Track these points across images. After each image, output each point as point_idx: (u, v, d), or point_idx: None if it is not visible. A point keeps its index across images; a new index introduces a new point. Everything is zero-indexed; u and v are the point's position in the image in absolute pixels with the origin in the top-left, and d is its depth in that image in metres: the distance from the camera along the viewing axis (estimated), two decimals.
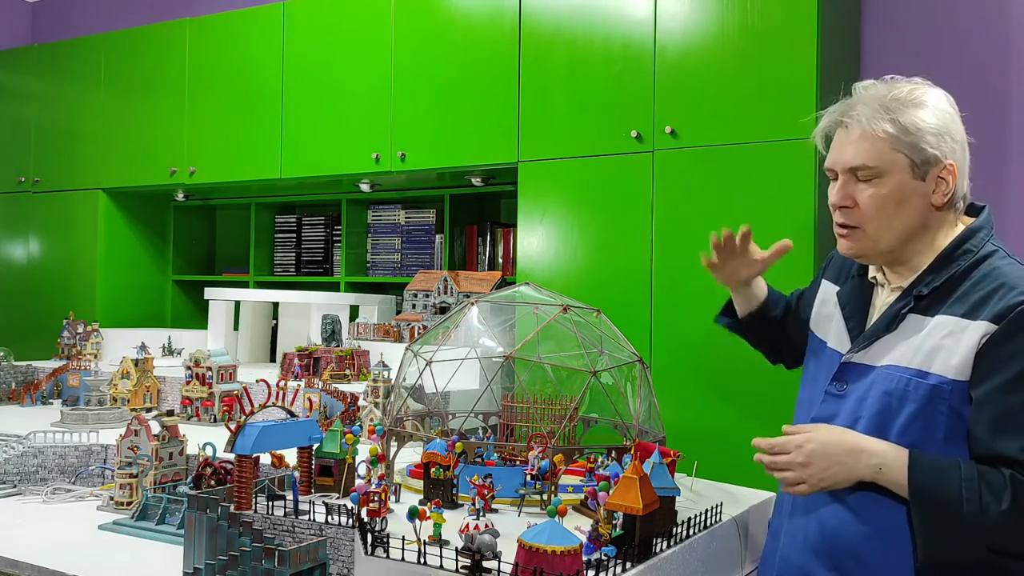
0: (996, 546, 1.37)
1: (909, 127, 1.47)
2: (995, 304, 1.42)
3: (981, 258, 1.50)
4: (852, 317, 1.61)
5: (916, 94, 1.50)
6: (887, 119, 1.48)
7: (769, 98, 2.89)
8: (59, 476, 2.17)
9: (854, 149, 1.50)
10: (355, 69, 3.80)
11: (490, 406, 2.25)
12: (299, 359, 3.22)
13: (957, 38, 3.18)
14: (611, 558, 1.38)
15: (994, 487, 1.36)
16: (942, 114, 1.50)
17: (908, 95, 1.50)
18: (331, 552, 1.40)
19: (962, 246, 1.51)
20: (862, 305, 1.62)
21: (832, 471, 1.46)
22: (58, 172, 4.67)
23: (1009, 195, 3.09)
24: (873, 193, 1.49)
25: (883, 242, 1.52)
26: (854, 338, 1.58)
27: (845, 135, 1.52)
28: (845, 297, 1.66)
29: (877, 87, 1.54)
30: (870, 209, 1.50)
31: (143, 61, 4.41)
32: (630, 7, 3.15)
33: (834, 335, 1.65)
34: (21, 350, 3.78)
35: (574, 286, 3.16)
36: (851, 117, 1.52)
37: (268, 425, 1.69)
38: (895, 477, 1.42)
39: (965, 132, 1.54)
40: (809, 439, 1.48)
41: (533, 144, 3.35)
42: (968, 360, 1.42)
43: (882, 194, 1.49)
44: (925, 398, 1.44)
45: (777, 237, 1.75)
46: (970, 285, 1.47)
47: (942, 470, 1.39)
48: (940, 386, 1.43)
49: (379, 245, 4.31)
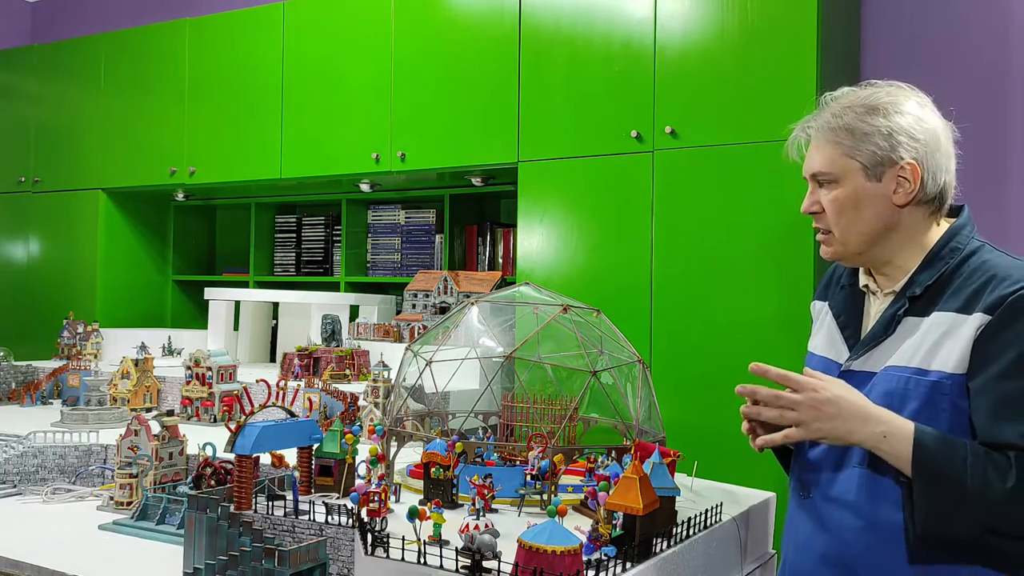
0: (995, 526, 1.36)
1: (856, 131, 1.52)
2: (988, 295, 1.43)
3: (969, 253, 1.51)
4: (848, 326, 1.61)
5: (873, 99, 1.53)
6: (837, 126, 1.54)
7: (769, 98, 2.89)
8: (59, 476, 2.17)
9: (811, 157, 1.59)
10: (355, 69, 3.80)
11: (490, 406, 2.25)
12: (299, 359, 3.22)
13: (957, 38, 3.18)
14: (611, 558, 1.38)
15: (999, 465, 1.35)
16: (901, 116, 1.51)
17: (864, 100, 1.54)
18: (331, 552, 1.40)
19: (948, 244, 1.53)
20: (856, 313, 1.62)
21: (834, 424, 1.42)
22: (58, 172, 4.67)
23: (1009, 195, 3.09)
24: (832, 197, 1.55)
25: (851, 245, 1.56)
26: (851, 347, 1.58)
27: (809, 144, 1.60)
28: (838, 306, 1.66)
29: (841, 97, 1.59)
30: (831, 213, 1.56)
31: (143, 61, 4.41)
32: (630, 7, 3.15)
33: (828, 344, 1.64)
34: (21, 350, 3.79)
35: (574, 286, 3.16)
36: (810, 127, 1.60)
37: (268, 425, 1.69)
38: (899, 448, 1.40)
39: (948, 131, 1.54)
40: (824, 387, 1.44)
41: (533, 144, 3.35)
42: (965, 353, 1.42)
43: (840, 198, 1.55)
44: (926, 395, 1.44)
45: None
46: (962, 280, 1.48)
47: (948, 444, 1.38)
48: (940, 382, 1.44)
49: (379, 245, 4.31)
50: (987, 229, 3.03)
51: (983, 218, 3.04)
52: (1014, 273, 1.44)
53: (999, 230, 3.05)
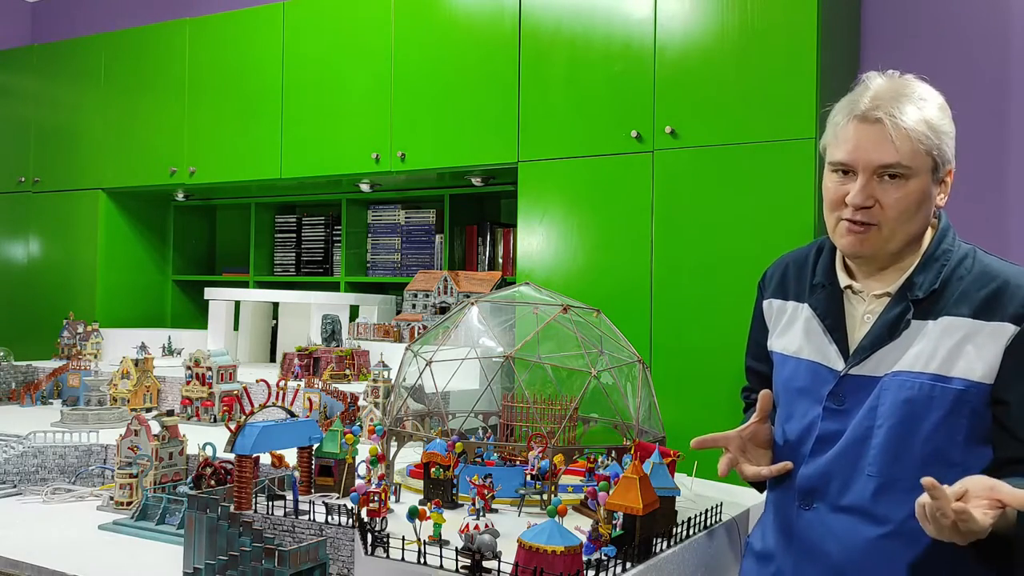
0: None
1: (937, 128, 1.45)
2: (1010, 304, 1.42)
3: (962, 256, 1.50)
4: (836, 329, 1.55)
5: (930, 93, 1.48)
6: (919, 118, 1.43)
7: (769, 98, 2.89)
8: (59, 476, 2.17)
9: (884, 146, 1.43)
10: (355, 69, 3.80)
11: (490, 406, 2.25)
12: (299, 359, 3.22)
13: (957, 38, 3.18)
14: (611, 558, 1.38)
15: None
16: (948, 115, 1.49)
17: (925, 93, 1.47)
18: (331, 552, 1.40)
19: (940, 246, 1.51)
20: (841, 315, 1.56)
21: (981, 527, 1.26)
22: (58, 172, 4.67)
23: (1009, 195, 3.08)
24: (903, 193, 1.44)
25: (894, 243, 1.49)
26: (843, 350, 1.53)
27: (872, 130, 1.44)
28: (822, 307, 1.58)
29: (894, 82, 1.48)
30: (893, 210, 1.45)
31: (143, 61, 4.41)
32: (630, 7, 3.15)
33: (814, 348, 1.58)
34: (21, 350, 3.78)
35: (574, 286, 3.16)
36: (882, 111, 1.43)
37: (268, 425, 1.69)
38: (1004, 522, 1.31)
39: None
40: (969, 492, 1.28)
41: (533, 144, 3.35)
42: (995, 364, 1.41)
43: (909, 195, 1.45)
44: (951, 404, 1.42)
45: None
46: (965, 284, 1.47)
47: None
48: (966, 390, 1.42)
49: (379, 245, 4.31)
50: (987, 229, 3.05)
51: (983, 218, 3.06)
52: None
53: (999, 230, 3.05)
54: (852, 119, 1.47)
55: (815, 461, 1.54)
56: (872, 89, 1.47)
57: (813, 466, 1.54)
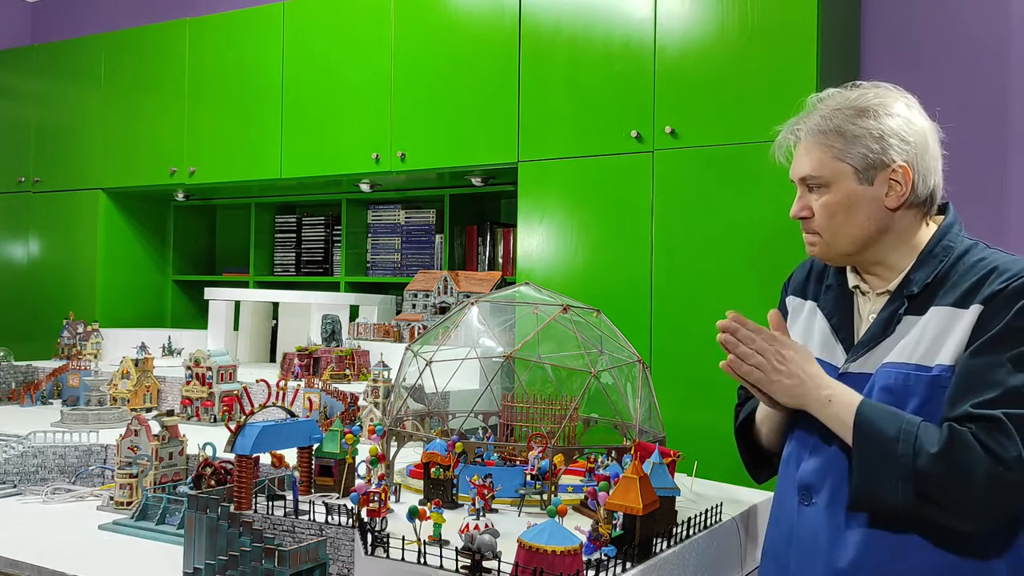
0: (923, 491, 1.38)
1: (846, 134, 1.50)
2: (987, 288, 1.44)
3: (963, 251, 1.52)
4: (842, 328, 1.60)
5: (862, 101, 1.52)
6: (827, 128, 1.52)
7: (769, 98, 2.89)
8: (59, 476, 2.17)
9: (800, 160, 1.56)
10: (355, 69, 3.80)
11: (490, 406, 2.25)
12: (299, 359, 3.22)
13: (957, 38, 3.18)
14: (611, 558, 1.38)
15: (931, 433, 1.38)
16: (891, 118, 1.50)
17: (853, 102, 1.52)
18: (331, 552, 1.40)
19: (941, 242, 1.53)
20: (848, 314, 1.61)
21: (787, 383, 1.51)
22: (58, 172, 4.67)
23: (1009, 194, 3.09)
24: (823, 202, 1.54)
25: (840, 247, 1.55)
26: (847, 348, 1.57)
27: (797, 147, 1.58)
28: (830, 307, 1.64)
29: (828, 99, 1.57)
30: (822, 218, 1.54)
31: (143, 61, 4.41)
32: (630, 7, 3.15)
33: (822, 346, 1.62)
34: (21, 350, 3.78)
35: (574, 286, 3.16)
36: (799, 129, 1.57)
37: (268, 425, 1.69)
38: (842, 413, 1.45)
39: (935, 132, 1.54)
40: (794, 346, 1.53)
41: (533, 144, 3.35)
42: (962, 346, 1.43)
43: (830, 202, 1.53)
44: (928, 390, 1.44)
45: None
46: (958, 276, 1.48)
47: (888, 414, 1.42)
48: (940, 375, 1.44)
49: (379, 245, 4.31)
50: (986, 228, 3.05)
51: (983, 217, 3.06)
52: (1012, 266, 1.45)
53: (999, 229, 3.05)
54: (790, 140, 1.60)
55: (815, 457, 1.57)
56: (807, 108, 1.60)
57: (813, 462, 1.57)
